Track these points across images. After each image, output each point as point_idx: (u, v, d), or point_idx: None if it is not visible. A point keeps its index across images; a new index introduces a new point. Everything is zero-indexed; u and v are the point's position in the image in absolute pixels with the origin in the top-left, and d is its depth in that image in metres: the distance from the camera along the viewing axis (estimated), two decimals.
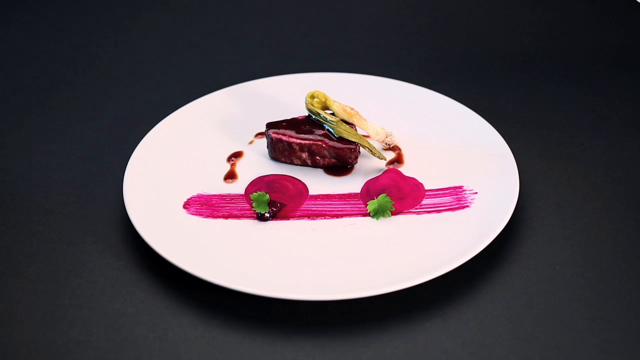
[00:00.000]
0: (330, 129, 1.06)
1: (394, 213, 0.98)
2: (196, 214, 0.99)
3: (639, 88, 1.24)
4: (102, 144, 1.13)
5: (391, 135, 1.09)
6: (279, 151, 1.07)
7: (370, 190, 1.02)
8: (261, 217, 0.98)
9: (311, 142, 1.06)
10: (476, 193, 1.00)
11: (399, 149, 1.09)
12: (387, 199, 0.98)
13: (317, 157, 1.06)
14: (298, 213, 0.99)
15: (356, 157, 1.06)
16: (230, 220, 0.98)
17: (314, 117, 1.08)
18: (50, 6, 1.48)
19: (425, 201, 1.00)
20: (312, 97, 1.08)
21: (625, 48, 1.33)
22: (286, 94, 1.19)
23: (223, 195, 1.02)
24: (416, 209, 0.99)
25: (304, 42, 1.39)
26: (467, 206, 0.98)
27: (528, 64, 1.31)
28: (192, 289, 0.90)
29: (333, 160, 1.06)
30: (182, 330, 0.86)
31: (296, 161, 1.07)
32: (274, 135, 1.06)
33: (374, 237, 0.96)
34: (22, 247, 0.96)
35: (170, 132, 1.11)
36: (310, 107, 1.07)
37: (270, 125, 1.08)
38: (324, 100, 1.08)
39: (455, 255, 0.90)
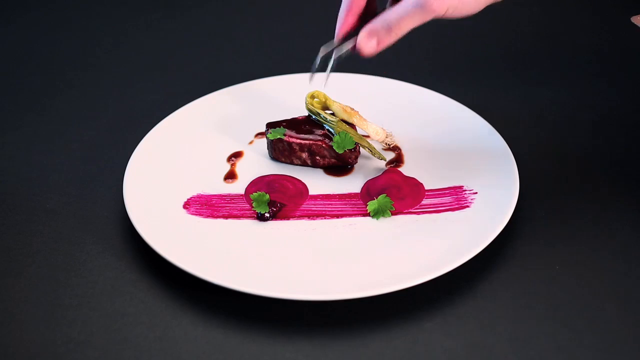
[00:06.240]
0: (330, 129, 1.06)
1: (394, 213, 0.98)
2: (196, 214, 0.99)
3: (639, 88, 1.24)
4: (102, 144, 1.13)
5: (391, 135, 1.09)
6: (279, 151, 1.07)
7: (370, 190, 1.02)
8: (261, 217, 0.98)
9: (311, 142, 1.06)
10: (476, 193, 1.00)
11: (399, 149, 1.09)
12: (387, 199, 0.98)
13: (317, 157, 1.06)
14: (298, 213, 0.99)
15: (356, 157, 1.06)
16: (230, 220, 0.98)
17: (314, 117, 1.08)
18: (50, 6, 1.48)
19: (425, 201, 1.00)
20: (312, 97, 1.08)
21: (626, 48, 1.33)
22: (286, 94, 1.19)
23: (223, 195, 1.02)
24: (416, 209, 0.99)
25: (304, 42, 1.39)
26: (467, 206, 0.98)
27: (528, 64, 1.31)
28: (192, 289, 0.90)
29: (333, 160, 1.06)
30: (182, 330, 0.86)
31: (296, 161, 1.07)
32: None
33: (374, 237, 0.96)
34: (22, 247, 0.96)
35: (170, 132, 1.11)
36: (310, 107, 1.07)
37: (270, 125, 1.08)
38: (324, 100, 1.08)
39: (455, 255, 0.90)
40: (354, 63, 1.31)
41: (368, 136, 1.10)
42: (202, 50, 1.38)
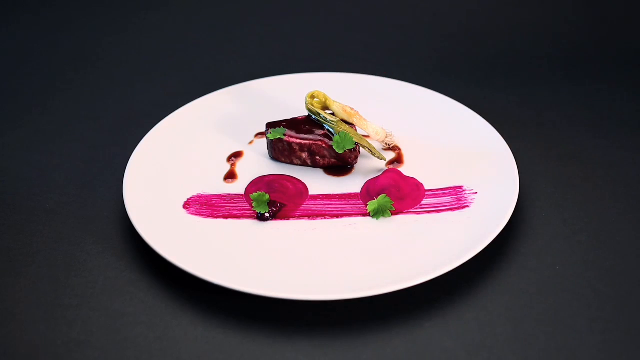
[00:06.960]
0: (330, 129, 1.06)
1: (394, 213, 0.98)
2: (196, 214, 0.99)
3: (639, 88, 1.24)
4: (102, 144, 1.13)
5: (391, 135, 1.09)
6: (279, 151, 1.07)
7: (370, 190, 1.02)
8: (261, 217, 0.98)
9: (311, 142, 1.06)
10: (476, 193, 1.00)
11: (399, 149, 1.09)
12: (387, 199, 0.98)
13: (317, 157, 1.06)
14: (298, 213, 0.99)
15: (356, 157, 1.06)
16: (230, 220, 0.98)
17: (314, 117, 1.08)
18: (50, 6, 1.48)
19: (425, 201, 1.00)
20: (312, 97, 1.08)
21: (626, 48, 1.33)
22: (286, 94, 1.19)
23: (223, 195, 1.02)
24: (416, 209, 0.99)
25: (304, 42, 1.39)
26: (467, 206, 0.98)
27: (528, 64, 1.31)
28: (192, 289, 0.90)
29: (333, 160, 1.06)
30: (182, 330, 0.86)
31: (296, 161, 1.07)
32: None
33: (374, 237, 0.96)
34: (22, 247, 0.96)
35: (170, 132, 1.11)
36: (310, 107, 1.07)
37: (270, 125, 1.08)
38: (324, 100, 1.08)
39: (455, 255, 0.90)
40: (354, 63, 1.32)
41: (368, 136, 1.10)
42: (202, 50, 1.38)
